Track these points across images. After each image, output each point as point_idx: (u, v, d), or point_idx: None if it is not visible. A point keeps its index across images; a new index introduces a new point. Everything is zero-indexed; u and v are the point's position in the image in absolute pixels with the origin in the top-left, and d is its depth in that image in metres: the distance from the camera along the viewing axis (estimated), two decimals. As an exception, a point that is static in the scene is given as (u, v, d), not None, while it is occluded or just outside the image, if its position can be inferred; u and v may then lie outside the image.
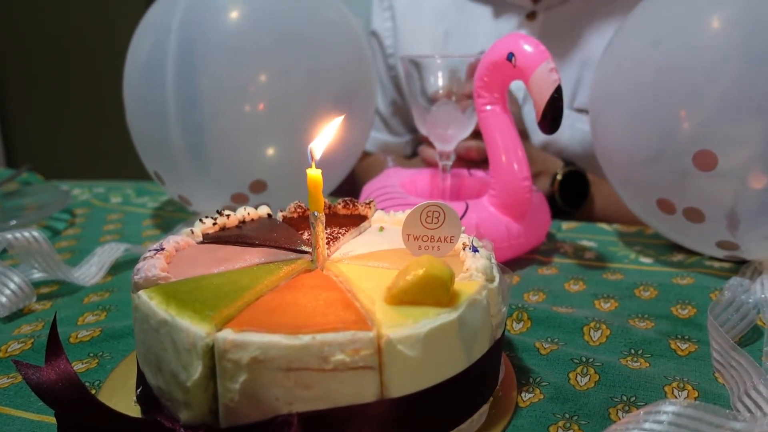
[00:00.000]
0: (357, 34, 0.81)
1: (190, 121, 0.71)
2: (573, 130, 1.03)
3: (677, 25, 0.62)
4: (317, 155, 0.43)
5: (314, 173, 0.42)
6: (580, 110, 1.03)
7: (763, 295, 0.58)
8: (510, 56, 0.63)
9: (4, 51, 2.52)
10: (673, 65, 0.61)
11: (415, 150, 1.20)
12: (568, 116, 1.02)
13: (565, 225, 0.84)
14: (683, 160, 0.61)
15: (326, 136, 0.45)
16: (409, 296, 0.37)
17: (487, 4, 1.10)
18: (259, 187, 0.75)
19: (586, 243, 0.77)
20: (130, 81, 0.77)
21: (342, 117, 0.46)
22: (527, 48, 0.62)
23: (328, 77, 0.75)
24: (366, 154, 1.24)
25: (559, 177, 0.90)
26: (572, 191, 0.91)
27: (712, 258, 0.71)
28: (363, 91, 0.81)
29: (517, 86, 1.01)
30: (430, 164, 0.88)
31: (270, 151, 0.74)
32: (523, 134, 0.91)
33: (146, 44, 0.75)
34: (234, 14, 0.71)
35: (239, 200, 0.76)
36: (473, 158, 0.84)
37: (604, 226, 0.84)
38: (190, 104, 0.71)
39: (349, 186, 1.04)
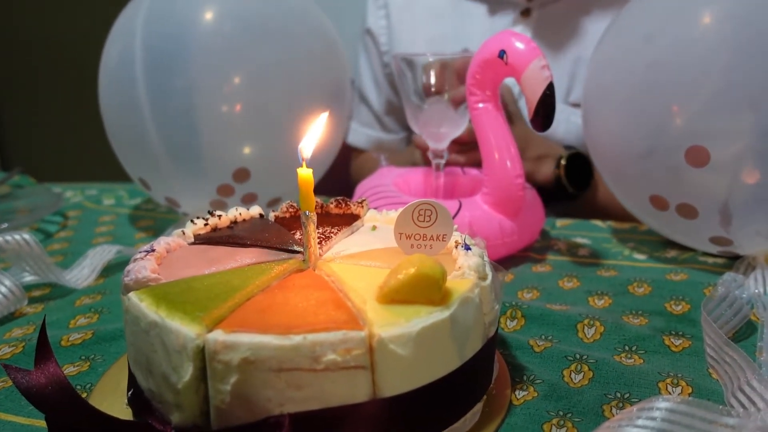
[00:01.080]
0: (325, 24, 0.82)
1: (166, 124, 0.72)
2: (568, 124, 1.03)
3: (669, 20, 0.62)
4: (307, 154, 0.43)
5: (305, 172, 0.42)
6: (575, 105, 1.04)
7: (756, 290, 0.59)
8: (502, 53, 0.62)
9: (-5, 53, 2.51)
10: (664, 60, 0.61)
11: (409, 146, 1.20)
12: (563, 111, 1.03)
13: (559, 222, 0.84)
14: (675, 155, 0.61)
15: (313, 134, 0.45)
16: (400, 295, 0.37)
17: (482, 2, 1.10)
18: (243, 175, 0.75)
19: (579, 240, 0.77)
20: (104, 92, 0.78)
21: (326, 114, 0.46)
22: (519, 45, 0.62)
23: (301, 70, 0.76)
24: (360, 152, 1.24)
25: (563, 161, 0.91)
26: (577, 174, 0.92)
27: (705, 254, 0.71)
28: (336, 83, 0.82)
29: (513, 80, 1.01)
30: (423, 150, 0.88)
31: (250, 142, 0.74)
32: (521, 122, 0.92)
33: (114, 52, 0.75)
34: (199, 13, 0.71)
35: (225, 192, 0.76)
36: (464, 140, 0.83)
37: (598, 223, 0.84)
38: (164, 107, 0.71)
39: (343, 184, 1.04)
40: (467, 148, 0.84)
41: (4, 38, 2.49)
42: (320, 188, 0.88)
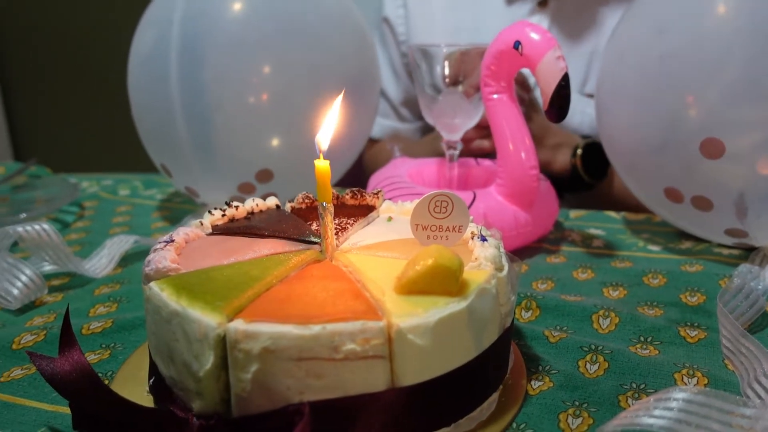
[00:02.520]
0: (360, 25, 0.81)
1: (194, 113, 0.72)
2: (583, 115, 1.03)
3: (682, 12, 0.62)
4: (324, 145, 0.43)
5: (322, 164, 0.42)
6: (591, 95, 1.04)
7: (772, 282, 0.58)
8: (517, 44, 0.62)
9: (11, 45, 2.52)
10: (678, 53, 0.61)
11: (424, 136, 1.20)
12: (579, 101, 1.03)
13: (573, 213, 0.84)
14: (690, 148, 0.61)
15: (330, 123, 0.45)
16: (418, 286, 0.37)
17: None
18: (265, 176, 0.75)
19: (594, 231, 0.77)
20: (134, 75, 0.78)
21: (341, 95, 0.46)
22: (534, 36, 0.61)
23: (331, 68, 0.75)
24: (374, 142, 1.24)
25: (580, 151, 0.91)
26: (594, 163, 0.92)
27: (720, 245, 0.71)
28: (366, 82, 0.81)
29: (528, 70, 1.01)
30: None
31: (275, 141, 0.74)
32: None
33: (149, 38, 0.75)
34: (236, 5, 0.71)
35: (246, 190, 0.76)
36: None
37: (612, 214, 0.84)
38: (194, 96, 0.71)
39: (357, 173, 1.04)
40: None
41: (18, 30, 2.50)
42: (336, 181, 0.88)
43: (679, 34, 0.61)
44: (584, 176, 0.92)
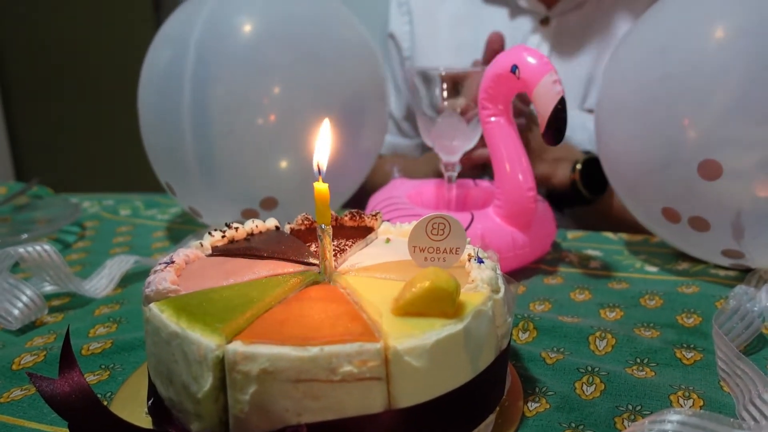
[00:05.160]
0: (371, 51, 0.82)
1: (204, 134, 0.72)
2: (584, 130, 1.04)
3: (683, 33, 0.63)
4: (323, 167, 0.44)
5: (321, 186, 0.43)
6: (591, 111, 1.05)
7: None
8: (514, 68, 0.63)
9: (13, 64, 2.55)
10: (678, 73, 0.62)
11: (424, 152, 1.21)
12: (579, 117, 1.04)
13: (571, 234, 0.85)
14: (688, 169, 0.61)
15: (323, 145, 0.46)
16: (415, 308, 0.38)
17: (503, 11, 1.12)
18: (270, 204, 0.76)
19: (591, 252, 0.78)
20: (145, 91, 0.78)
21: (326, 120, 0.47)
22: (531, 60, 0.62)
23: (340, 94, 0.76)
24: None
25: (579, 166, 0.92)
26: (593, 178, 0.92)
27: (717, 266, 0.71)
28: (374, 108, 0.82)
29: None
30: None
31: (281, 168, 0.75)
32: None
33: (164, 56, 0.76)
34: (251, 29, 0.72)
35: (250, 216, 0.76)
36: None
37: (610, 235, 0.84)
38: (204, 117, 0.72)
39: (357, 191, 1.04)
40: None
41: (21, 49, 2.53)
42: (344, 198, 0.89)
43: (680, 55, 0.62)
44: (583, 191, 0.93)
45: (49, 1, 2.43)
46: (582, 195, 0.93)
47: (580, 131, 1.04)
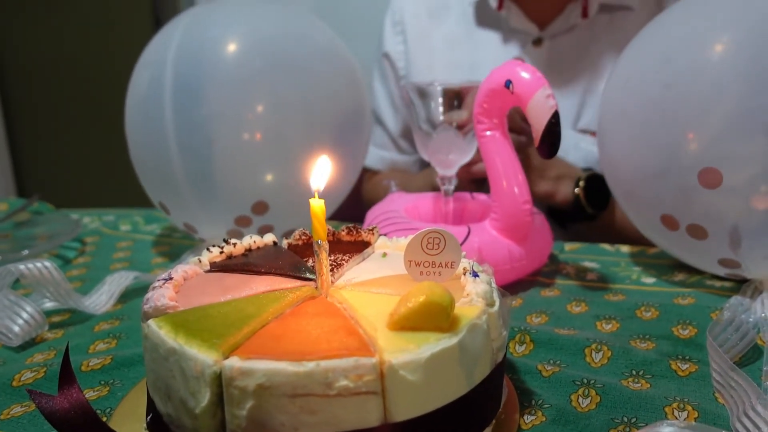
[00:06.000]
0: (351, 63, 0.83)
1: (190, 151, 0.73)
2: (577, 150, 1.05)
3: (685, 44, 0.64)
4: (319, 188, 0.45)
5: (317, 203, 0.43)
6: (584, 131, 1.06)
7: (763, 314, 0.59)
8: (508, 83, 0.64)
9: (14, 81, 2.57)
10: (681, 83, 0.62)
11: (422, 168, 1.22)
12: (572, 137, 1.05)
13: (568, 246, 0.85)
14: (688, 177, 0.62)
15: (323, 172, 0.46)
16: (410, 322, 0.38)
17: (496, 31, 1.13)
18: (261, 208, 0.76)
19: (588, 264, 0.78)
20: (130, 116, 0.80)
21: (325, 158, 0.48)
22: (524, 75, 0.63)
23: (323, 104, 0.77)
24: (373, 173, 1.26)
25: (582, 183, 0.93)
26: (596, 194, 0.93)
27: (713, 277, 0.71)
28: (358, 118, 0.83)
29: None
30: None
31: (269, 175, 0.76)
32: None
33: (144, 79, 0.77)
34: (228, 46, 0.74)
35: (243, 223, 0.77)
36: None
37: (607, 246, 0.85)
38: (189, 133, 0.73)
39: (356, 206, 1.05)
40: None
41: (21, 66, 2.55)
42: (331, 214, 0.90)
43: (683, 65, 0.63)
44: (587, 207, 0.94)
45: (52, 18, 2.45)
46: (585, 211, 0.94)
47: (574, 151, 1.05)
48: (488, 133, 0.69)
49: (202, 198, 0.76)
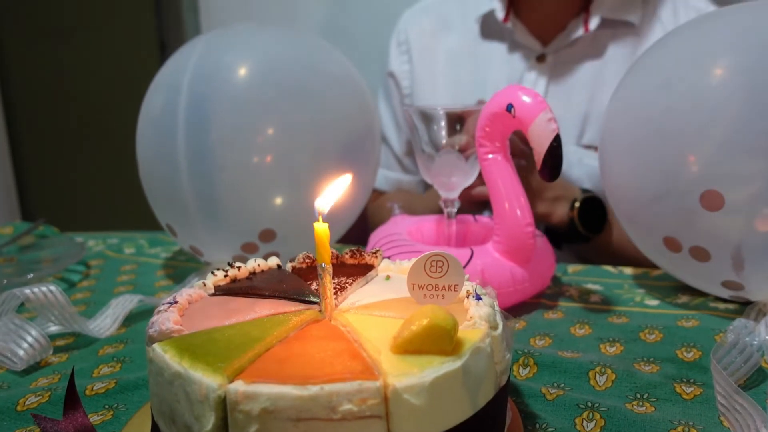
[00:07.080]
0: (361, 86, 0.84)
1: (200, 175, 0.74)
2: (581, 165, 1.06)
3: (685, 68, 0.64)
4: (325, 211, 0.45)
5: (321, 227, 0.44)
6: (588, 146, 1.07)
7: (767, 337, 0.59)
8: (509, 107, 0.65)
9: (19, 104, 2.59)
10: (681, 106, 0.63)
11: (427, 188, 1.22)
12: (576, 153, 1.06)
13: (571, 268, 0.85)
14: (690, 199, 0.62)
15: (333, 194, 0.47)
16: (414, 345, 0.38)
17: (501, 46, 1.14)
18: (268, 236, 0.77)
19: (591, 286, 0.78)
20: (142, 137, 0.80)
21: (349, 177, 0.48)
22: (525, 99, 0.64)
23: (333, 129, 0.78)
24: (378, 193, 1.26)
25: (577, 204, 0.94)
26: (591, 216, 0.94)
27: (717, 299, 0.71)
28: (367, 143, 0.84)
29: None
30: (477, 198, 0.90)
31: (278, 201, 0.76)
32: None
33: (158, 102, 0.78)
34: (241, 71, 0.75)
35: (249, 249, 0.78)
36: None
37: (610, 268, 0.85)
38: (200, 158, 0.73)
39: (360, 227, 1.06)
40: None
41: (27, 90, 2.57)
42: (339, 238, 0.90)
43: (683, 89, 0.63)
44: (581, 229, 0.94)
45: (57, 42, 2.48)
46: (579, 232, 0.94)
47: (578, 167, 1.05)
48: (490, 156, 0.70)
49: (210, 222, 0.76)
